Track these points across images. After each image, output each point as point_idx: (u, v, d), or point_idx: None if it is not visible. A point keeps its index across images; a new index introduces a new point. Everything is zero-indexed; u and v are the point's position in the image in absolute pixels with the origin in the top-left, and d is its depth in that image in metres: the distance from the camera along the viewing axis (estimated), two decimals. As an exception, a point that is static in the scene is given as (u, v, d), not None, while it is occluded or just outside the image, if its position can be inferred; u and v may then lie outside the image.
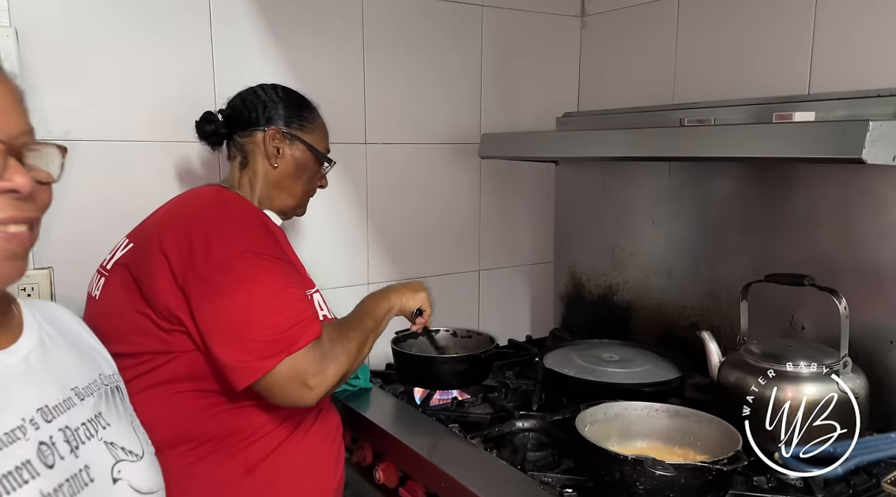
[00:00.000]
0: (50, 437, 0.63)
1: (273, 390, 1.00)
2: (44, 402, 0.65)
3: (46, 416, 0.64)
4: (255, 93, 1.24)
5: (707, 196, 1.54)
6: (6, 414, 0.61)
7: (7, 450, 0.59)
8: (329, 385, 1.03)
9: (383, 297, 1.23)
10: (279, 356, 0.98)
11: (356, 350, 1.09)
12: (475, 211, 1.92)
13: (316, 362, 1.01)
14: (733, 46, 1.56)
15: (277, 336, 0.99)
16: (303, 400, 1.02)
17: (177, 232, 1.06)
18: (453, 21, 1.78)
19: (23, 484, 0.59)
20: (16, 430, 0.61)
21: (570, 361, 1.45)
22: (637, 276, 1.70)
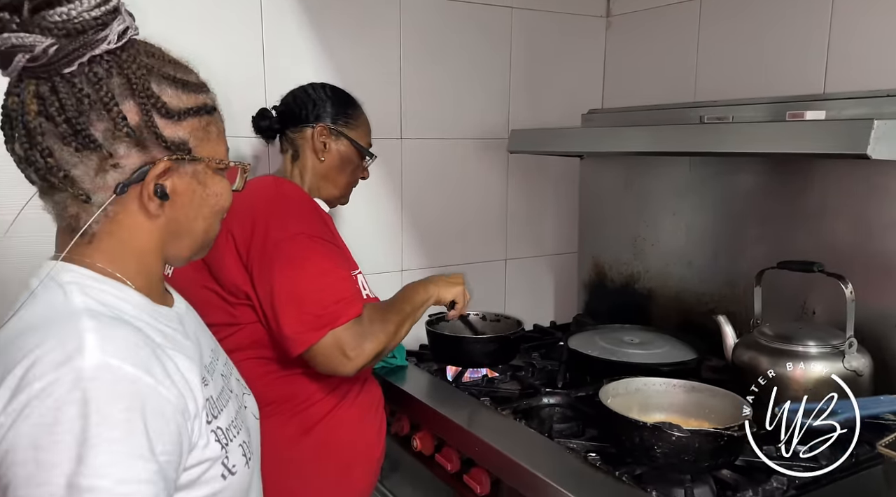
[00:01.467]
0: (223, 372, 0.80)
1: (317, 359, 1.13)
2: (210, 345, 0.80)
3: (215, 354, 0.80)
4: (306, 91, 1.35)
5: (725, 189, 1.63)
6: (203, 351, 0.76)
7: (214, 377, 0.74)
8: (366, 359, 1.15)
9: (423, 286, 1.33)
10: (325, 329, 1.11)
11: (393, 331, 1.20)
12: (503, 203, 2.02)
13: (356, 337, 1.13)
14: (752, 46, 1.64)
15: (323, 311, 1.12)
16: (343, 369, 1.14)
17: (242, 216, 1.18)
18: (484, 23, 1.88)
19: (227, 402, 0.75)
20: (211, 364, 0.76)
21: (593, 343, 1.55)
22: (657, 265, 1.79)
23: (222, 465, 0.70)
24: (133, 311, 0.68)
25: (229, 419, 0.73)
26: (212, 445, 0.69)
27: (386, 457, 1.57)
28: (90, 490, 0.56)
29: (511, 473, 1.15)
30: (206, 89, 0.75)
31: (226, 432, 0.71)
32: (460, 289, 1.37)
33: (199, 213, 0.74)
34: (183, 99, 0.71)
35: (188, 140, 0.71)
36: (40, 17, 0.61)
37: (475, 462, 1.25)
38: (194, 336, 0.77)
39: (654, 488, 1.02)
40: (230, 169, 0.77)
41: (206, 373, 0.72)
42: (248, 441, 0.76)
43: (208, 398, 0.70)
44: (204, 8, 1.50)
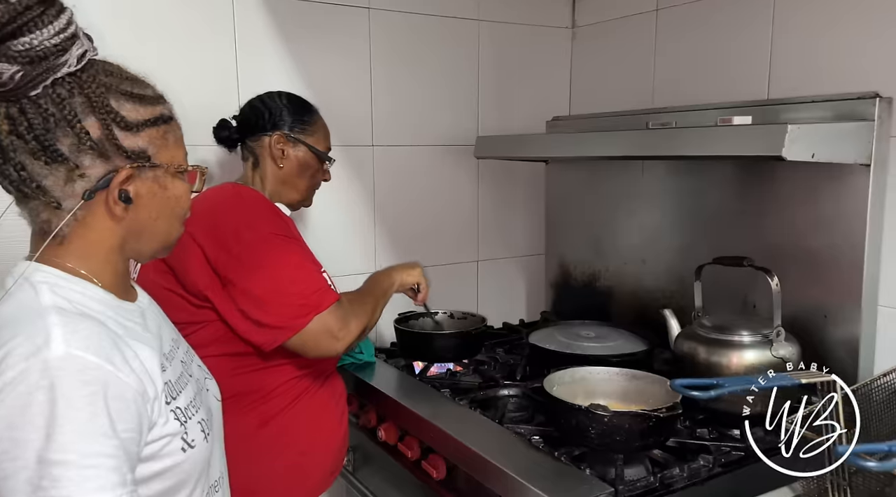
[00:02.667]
0: (183, 358, 0.88)
1: (307, 344, 1.22)
2: (169, 335, 0.88)
3: (175, 343, 0.89)
4: (263, 101, 1.43)
5: (673, 191, 1.72)
6: (164, 341, 0.85)
7: (173, 363, 0.83)
8: (353, 337, 1.26)
9: (386, 273, 1.45)
10: (310, 315, 1.20)
11: (371, 311, 1.33)
12: (473, 207, 2.11)
13: (340, 319, 1.23)
14: (704, 55, 1.73)
15: (304, 299, 1.21)
16: (333, 349, 1.24)
17: (206, 223, 1.26)
18: (452, 34, 1.97)
19: (186, 384, 0.84)
20: (170, 352, 0.85)
21: (552, 338, 1.63)
22: (616, 264, 1.88)
23: (182, 439, 0.78)
24: (97, 306, 0.76)
25: (188, 399, 0.82)
26: (171, 423, 0.77)
27: (356, 449, 1.66)
28: (58, 463, 0.64)
29: (464, 458, 1.23)
30: (163, 100, 0.84)
31: (185, 411, 0.80)
32: (419, 271, 1.49)
33: (160, 214, 0.82)
34: (140, 111, 0.79)
35: (147, 148, 0.79)
36: (5, 48, 0.69)
37: (433, 449, 1.33)
38: (156, 328, 0.85)
39: (589, 467, 1.10)
40: (189, 172, 0.86)
41: (164, 360, 0.81)
42: (207, 418, 0.85)
43: (167, 382, 0.78)
44: (178, 23, 1.59)
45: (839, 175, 1.35)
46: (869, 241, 1.32)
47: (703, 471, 1.11)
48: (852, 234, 1.34)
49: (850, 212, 1.34)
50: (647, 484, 1.06)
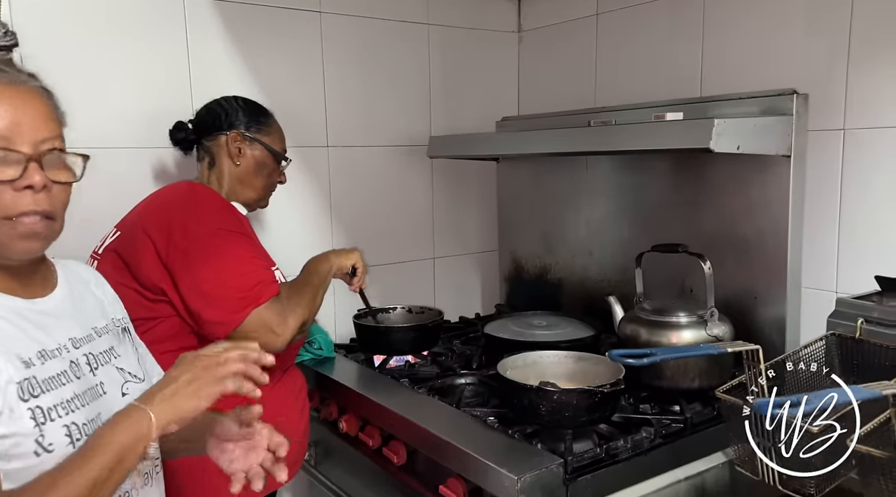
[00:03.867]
0: (77, 358, 0.87)
1: (248, 339, 1.23)
2: (72, 335, 0.88)
3: (75, 344, 0.88)
4: (219, 103, 1.46)
5: (615, 185, 1.82)
6: (49, 338, 0.85)
7: (50, 362, 0.82)
8: (292, 331, 1.28)
9: (324, 258, 1.48)
10: (248, 309, 1.23)
11: (310, 301, 1.34)
12: (428, 205, 2.17)
13: (278, 314, 1.26)
14: (642, 57, 1.83)
15: (244, 293, 1.24)
16: (273, 344, 1.26)
17: (158, 218, 1.29)
18: (403, 38, 2.02)
19: (61, 385, 0.82)
20: (55, 350, 0.84)
21: (506, 328, 1.70)
22: (565, 257, 1.96)
23: (36, 442, 0.76)
24: None
25: (59, 400, 0.80)
26: (23, 421, 0.76)
27: (318, 443, 1.69)
28: None
29: (424, 442, 1.29)
30: None
31: (47, 412, 0.78)
32: (357, 254, 1.52)
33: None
34: None
35: None
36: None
37: (394, 436, 1.38)
38: (50, 323, 0.85)
39: (541, 442, 1.17)
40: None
41: (38, 357, 0.81)
42: (87, 424, 0.81)
43: (28, 378, 0.78)
44: (130, 30, 1.61)
45: (763, 166, 1.46)
46: (792, 226, 1.43)
47: (645, 442, 1.19)
48: (777, 221, 1.45)
49: (774, 200, 1.45)
50: (595, 455, 1.14)
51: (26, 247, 0.81)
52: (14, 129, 0.78)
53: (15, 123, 0.78)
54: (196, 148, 1.48)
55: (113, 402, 0.87)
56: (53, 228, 0.83)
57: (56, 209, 0.82)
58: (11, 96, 0.79)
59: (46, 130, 0.81)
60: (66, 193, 0.85)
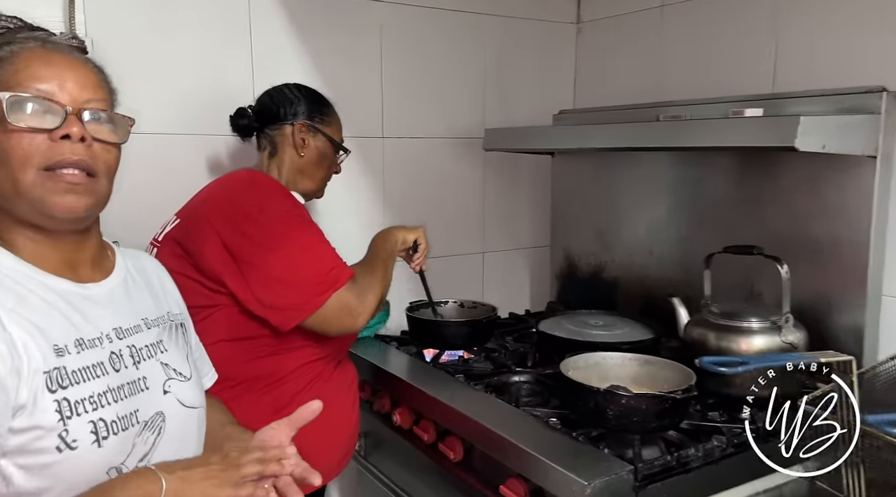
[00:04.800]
0: (119, 349, 0.83)
1: (329, 322, 1.24)
2: (119, 324, 0.85)
3: (119, 334, 0.84)
4: (282, 91, 1.45)
5: (680, 182, 1.75)
6: (89, 327, 0.81)
7: (87, 352, 0.79)
8: (370, 310, 1.28)
9: (388, 233, 1.47)
10: (328, 292, 1.22)
11: (382, 277, 1.35)
12: (480, 199, 2.14)
13: (357, 295, 1.26)
14: (708, 50, 1.77)
15: (322, 277, 1.23)
16: (353, 325, 1.26)
17: (221, 207, 1.28)
18: (460, 28, 1.99)
19: (94, 377, 0.78)
20: (94, 340, 0.81)
21: (561, 326, 1.67)
22: (622, 255, 1.91)
23: (59, 437, 0.72)
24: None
25: (90, 393, 0.76)
26: (47, 414, 0.72)
27: (368, 434, 1.69)
28: None
29: (482, 439, 1.26)
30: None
31: (74, 405, 0.74)
32: (421, 230, 1.50)
33: (1, 168, 0.77)
34: None
35: None
36: None
37: (450, 431, 1.36)
38: (90, 311, 0.82)
39: (607, 446, 1.13)
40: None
41: (74, 345, 0.78)
42: (117, 421, 0.78)
43: (58, 368, 0.75)
44: (194, 15, 1.61)
45: (844, 166, 1.39)
46: (874, 231, 1.36)
47: (716, 451, 1.14)
48: (857, 224, 1.38)
49: (855, 202, 1.38)
50: (665, 463, 1.10)
51: (67, 203, 0.78)
52: (57, 86, 0.78)
53: (60, 82, 0.79)
54: (256, 136, 1.47)
55: (153, 399, 0.85)
56: (96, 188, 0.81)
57: (98, 166, 0.80)
58: (60, 61, 0.80)
59: (91, 92, 0.81)
60: (110, 155, 0.83)
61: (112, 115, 0.83)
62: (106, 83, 0.85)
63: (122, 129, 0.84)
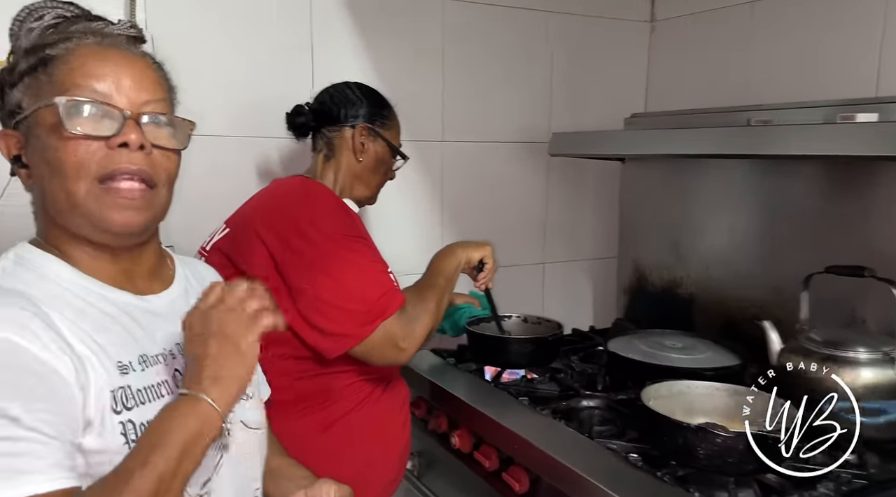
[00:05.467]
0: (181, 367, 0.77)
1: (372, 353, 1.15)
2: (180, 339, 0.77)
3: (182, 350, 0.78)
4: (343, 91, 1.36)
5: (770, 193, 1.60)
6: (153, 343, 0.76)
7: (151, 369, 0.74)
8: (418, 343, 1.18)
9: (451, 253, 1.35)
10: (375, 323, 1.13)
11: (435, 308, 1.24)
12: (542, 206, 2.03)
13: (404, 326, 1.16)
14: (804, 51, 1.62)
15: (371, 305, 1.14)
16: (398, 359, 1.17)
17: (272, 219, 1.20)
18: (526, 27, 1.89)
19: (159, 397, 0.73)
20: (157, 356, 0.76)
21: (633, 347, 1.54)
22: (699, 270, 1.77)
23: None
24: (45, 285, 0.71)
25: (153, 415, 0.70)
26: (115, 436, 0.68)
27: (422, 453, 1.59)
28: None
29: (551, 471, 1.15)
30: (26, 47, 0.74)
31: (139, 427, 0.70)
32: (488, 249, 1.38)
33: (53, 178, 0.71)
34: (21, 64, 0.74)
35: (21, 100, 0.73)
36: None
37: (514, 460, 1.26)
38: (151, 325, 0.77)
39: (697, 490, 1.01)
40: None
41: (138, 362, 0.73)
42: None
43: (123, 387, 0.70)
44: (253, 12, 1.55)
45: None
46: None
47: (823, 500, 1.01)
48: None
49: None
50: (765, 512, 0.97)
51: (124, 219, 0.72)
52: (114, 87, 0.72)
53: (116, 81, 0.72)
54: (312, 136, 1.39)
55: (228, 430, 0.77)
56: (155, 199, 0.75)
57: (157, 175, 0.74)
58: (116, 57, 0.74)
59: (150, 93, 0.75)
60: (170, 162, 0.77)
61: (172, 119, 0.77)
62: (165, 81, 0.80)
63: (182, 134, 0.78)
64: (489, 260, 1.39)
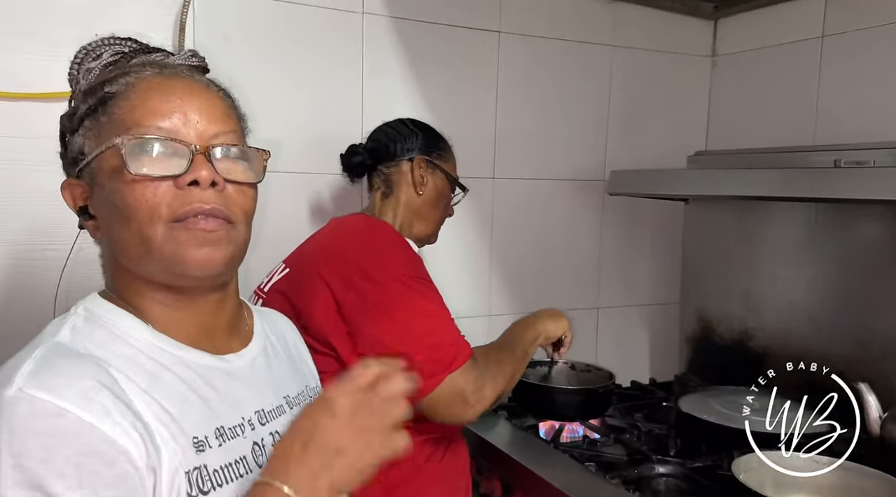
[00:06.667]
0: (262, 438, 0.69)
1: (437, 407, 1.05)
2: (261, 406, 0.71)
3: (262, 418, 0.70)
4: (395, 127, 1.31)
5: (857, 240, 1.47)
6: (232, 412, 0.67)
7: (228, 444, 0.65)
8: (487, 404, 1.08)
9: (531, 324, 1.28)
10: (441, 375, 1.04)
11: (510, 372, 1.15)
12: (596, 247, 1.92)
13: (473, 381, 1.07)
14: (883, 88, 1.51)
15: (438, 355, 1.05)
16: (464, 416, 1.07)
17: (335, 260, 1.13)
18: (583, 60, 1.81)
19: (238, 477, 0.64)
20: (236, 427, 0.67)
21: (708, 407, 1.40)
22: (775, 322, 1.63)
23: None
24: (117, 347, 0.63)
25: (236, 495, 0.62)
26: None
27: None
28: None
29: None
30: (110, 78, 0.67)
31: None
32: (566, 322, 1.33)
33: (123, 225, 0.64)
34: (80, 107, 0.68)
35: (83, 145, 0.67)
36: None
37: (582, 535, 1.13)
38: (229, 390, 0.68)
39: None
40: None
41: (215, 437, 0.64)
42: None
43: (199, 467, 0.61)
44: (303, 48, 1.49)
45: None
46: None
47: None
48: None
49: None
50: None
51: (203, 257, 0.64)
52: (180, 121, 0.65)
53: (182, 115, 0.65)
54: (368, 175, 1.32)
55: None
56: (234, 236, 0.67)
57: (233, 213, 0.66)
58: (180, 89, 0.67)
59: (219, 124, 0.67)
60: (247, 198, 0.69)
61: (245, 150, 0.69)
62: (234, 110, 0.72)
63: (257, 165, 0.70)
64: (569, 334, 1.35)
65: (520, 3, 1.71)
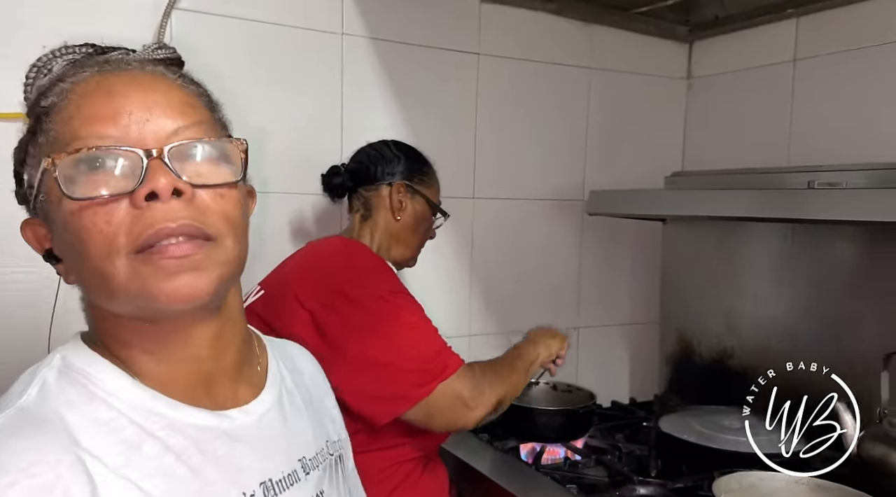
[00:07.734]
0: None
1: (434, 415, 1.06)
2: (268, 476, 0.58)
3: (268, 491, 0.57)
4: (378, 149, 1.31)
5: (835, 260, 1.49)
6: (229, 486, 0.55)
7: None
8: (487, 408, 1.09)
9: (532, 345, 1.29)
10: (433, 383, 1.05)
11: (515, 384, 1.17)
12: (576, 267, 1.92)
13: (471, 386, 1.08)
14: (854, 110, 1.54)
15: (426, 365, 1.05)
16: (464, 420, 1.08)
17: (313, 283, 1.12)
18: (561, 82, 1.83)
19: None
20: (262, 484, 0.56)
21: (688, 427, 1.40)
22: (754, 341, 1.64)
23: None
24: (92, 409, 0.52)
25: None
26: None
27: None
28: None
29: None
30: (44, 90, 0.56)
31: None
32: (566, 340, 1.35)
33: (81, 263, 0.53)
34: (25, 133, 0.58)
35: (31, 177, 0.56)
36: None
37: (565, 561, 1.11)
38: (229, 458, 0.56)
39: None
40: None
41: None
42: None
43: None
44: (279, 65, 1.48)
45: None
46: None
47: None
48: None
49: None
50: None
51: (180, 288, 0.51)
52: (126, 123, 0.52)
53: (127, 114, 0.52)
54: (348, 196, 1.32)
55: None
56: (218, 255, 0.53)
57: (211, 225, 0.53)
58: (124, 84, 0.54)
59: (179, 118, 0.54)
60: (227, 202, 0.55)
61: (216, 144, 0.55)
62: (201, 97, 0.59)
63: (234, 158, 0.56)
64: (564, 350, 1.36)
65: (499, 26, 1.72)
